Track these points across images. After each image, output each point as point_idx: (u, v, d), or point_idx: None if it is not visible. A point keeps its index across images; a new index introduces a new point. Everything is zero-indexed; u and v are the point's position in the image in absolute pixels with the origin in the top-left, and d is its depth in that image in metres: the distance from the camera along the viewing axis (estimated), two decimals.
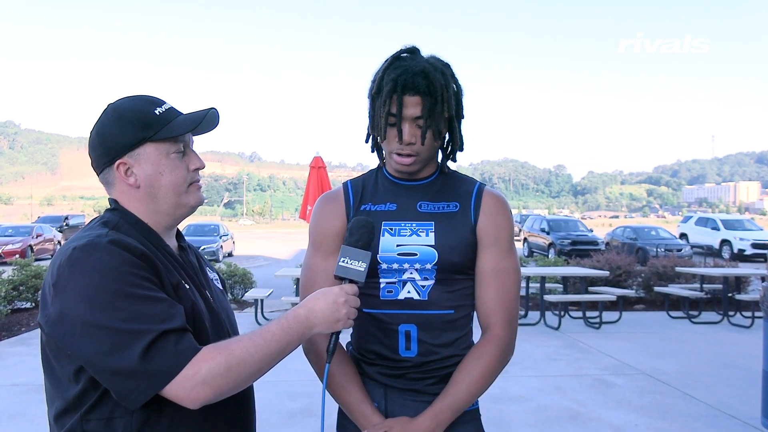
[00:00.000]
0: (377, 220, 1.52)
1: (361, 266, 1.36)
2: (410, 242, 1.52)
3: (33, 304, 9.51)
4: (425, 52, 1.54)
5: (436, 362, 1.53)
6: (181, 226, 1.46)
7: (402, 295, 1.52)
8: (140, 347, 1.10)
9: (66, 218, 29.74)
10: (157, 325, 1.13)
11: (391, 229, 1.54)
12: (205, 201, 1.48)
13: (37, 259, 12.61)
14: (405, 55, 1.50)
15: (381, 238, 1.52)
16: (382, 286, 1.54)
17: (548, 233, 22.63)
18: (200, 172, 1.41)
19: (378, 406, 1.54)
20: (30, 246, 20.91)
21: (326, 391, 1.49)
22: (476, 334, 1.61)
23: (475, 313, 1.60)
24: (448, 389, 1.49)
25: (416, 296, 1.52)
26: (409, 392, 1.55)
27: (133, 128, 1.29)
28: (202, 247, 19.77)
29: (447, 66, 1.53)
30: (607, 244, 22.14)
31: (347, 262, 1.36)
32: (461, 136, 1.59)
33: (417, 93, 1.43)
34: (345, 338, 1.47)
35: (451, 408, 1.47)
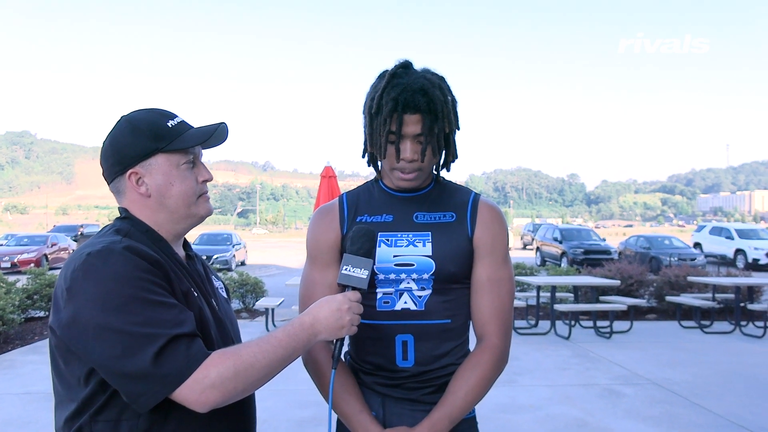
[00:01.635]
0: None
1: (363, 273, 1.39)
2: (407, 253, 1.54)
3: (46, 313, 9.60)
4: (427, 63, 1.56)
5: (434, 372, 1.55)
6: (194, 235, 1.51)
7: (399, 306, 1.54)
8: (152, 351, 1.14)
9: (81, 227, 30.02)
10: (169, 329, 1.17)
11: (388, 240, 1.56)
12: (219, 210, 1.52)
13: (51, 268, 12.76)
14: (400, 71, 1.51)
15: (377, 249, 1.53)
16: (378, 296, 1.55)
17: (561, 242, 22.52)
18: (214, 181, 1.46)
19: (376, 416, 1.56)
20: (45, 255, 21.09)
21: (325, 400, 1.53)
22: (472, 343, 1.64)
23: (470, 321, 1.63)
24: (444, 398, 1.50)
25: (413, 306, 1.54)
26: (407, 402, 1.57)
27: (146, 139, 1.34)
28: (215, 256, 19.87)
29: (443, 80, 1.55)
30: (620, 253, 22.00)
31: (349, 270, 1.39)
32: (455, 148, 1.61)
33: (417, 111, 1.45)
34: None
35: (448, 417, 1.48)
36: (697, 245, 25.10)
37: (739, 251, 23.05)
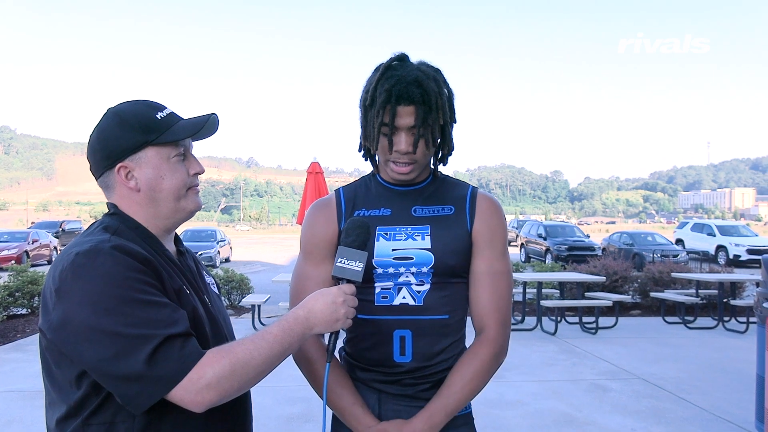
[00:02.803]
0: (371, 225, 1.52)
1: (358, 266, 1.36)
2: (406, 246, 1.52)
3: (29, 311, 9.49)
4: (418, 58, 1.54)
5: (431, 367, 1.54)
6: (178, 232, 1.47)
7: (397, 301, 1.53)
8: (146, 352, 1.11)
9: (62, 224, 29.67)
10: (162, 329, 1.14)
11: (386, 234, 1.54)
12: (202, 206, 1.49)
13: (33, 265, 12.61)
14: (395, 63, 1.50)
15: (376, 243, 1.52)
16: (377, 291, 1.54)
17: (545, 239, 22.66)
18: (198, 177, 1.42)
19: (372, 412, 1.56)
20: (26, 252, 20.79)
21: (319, 396, 1.51)
22: (468, 339, 1.63)
23: (468, 316, 1.62)
24: (441, 391, 1.50)
25: (411, 302, 1.52)
26: (403, 398, 1.56)
27: (135, 132, 1.30)
28: (199, 253, 19.73)
29: (438, 72, 1.53)
30: (604, 249, 22.18)
31: (344, 263, 1.37)
32: (452, 140, 1.59)
33: (411, 103, 1.43)
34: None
35: (444, 409, 1.48)
36: (679, 242, 25.37)
37: (720, 248, 23.33)
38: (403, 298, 1.53)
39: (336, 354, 1.63)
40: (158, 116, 1.33)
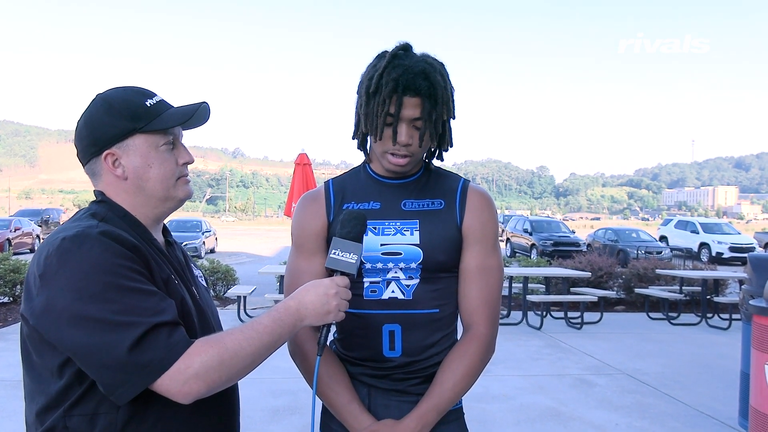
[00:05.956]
0: None
1: (352, 258, 1.33)
2: (394, 241, 1.50)
3: (11, 299, 9.36)
4: (415, 50, 1.52)
5: (421, 362, 1.52)
6: (165, 222, 1.45)
7: (386, 295, 1.50)
8: (131, 339, 1.08)
9: (45, 213, 29.33)
10: (148, 317, 1.11)
11: (375, 228, 1.51)
12: (192, 194, 1.45)
13: (15, 253, 12.40)
14: (401, 52, 1.47)
15: (364, 237, 1.48)
16: (365, 285, 1.51)
17: (531, 234, 22.74)
18: (187, 166, 1.39)
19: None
20: (8, 240, 20.54)
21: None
22: (460, 334, 1.62)
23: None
24: (432, 389, 1.47)
25: (401, 295, 1.50)
26: (394, 392, 1.54)
27: (123, 119, 1.27)
28: (184, 243, 19.60)
29: (443, 66, 1.50)
30: (589, 245, 22.31)
31: (338, 254, 1.34)
32: (451, 135, 1.57)
33: (417, 94, 1.41)
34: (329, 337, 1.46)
35: (436, 408, 1.45)
36: (663, 238, 25.59)
37: (703, 245, 23.59)
38: (392, 292, 1.50)
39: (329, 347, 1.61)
40: (148, 103, 1.30)
